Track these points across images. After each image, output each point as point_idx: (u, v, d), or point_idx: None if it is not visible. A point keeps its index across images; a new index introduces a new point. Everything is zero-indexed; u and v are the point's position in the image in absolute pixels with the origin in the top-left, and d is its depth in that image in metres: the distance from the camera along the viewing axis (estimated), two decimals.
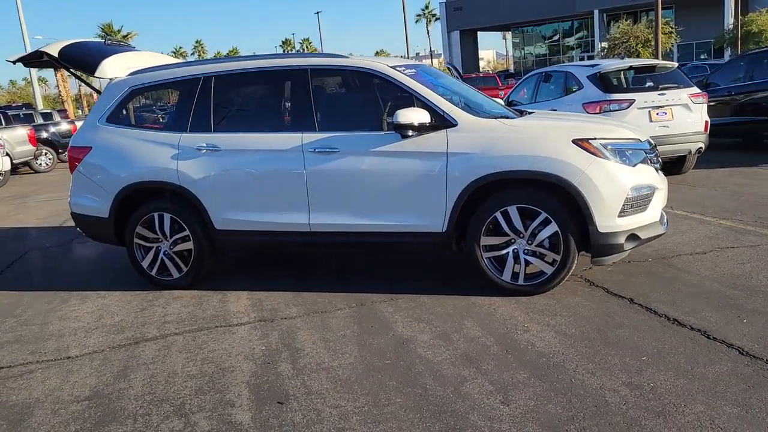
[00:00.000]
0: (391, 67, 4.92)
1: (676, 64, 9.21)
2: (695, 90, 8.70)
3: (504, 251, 4.63)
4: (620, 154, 4.51)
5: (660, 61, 9.52)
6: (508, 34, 65.72)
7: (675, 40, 35.71)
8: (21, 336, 4.67)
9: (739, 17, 33.62)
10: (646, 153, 4.71)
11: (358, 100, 5.31)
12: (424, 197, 4.69)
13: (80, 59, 5.79)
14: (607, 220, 4.39)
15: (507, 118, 4.92)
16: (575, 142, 4.46)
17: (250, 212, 5.12)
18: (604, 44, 40.52)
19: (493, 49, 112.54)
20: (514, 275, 4.64)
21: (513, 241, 4.60)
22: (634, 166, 4.54)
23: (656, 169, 4.80)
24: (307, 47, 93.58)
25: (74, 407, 3.49)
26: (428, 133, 4.64)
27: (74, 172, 5.68)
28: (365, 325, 4.33)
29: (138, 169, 5.34)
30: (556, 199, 4.47)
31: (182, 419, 3.27)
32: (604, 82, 8.72)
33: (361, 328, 4.30)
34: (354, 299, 4.84)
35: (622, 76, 9.65)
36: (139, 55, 6.05)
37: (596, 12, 46.13)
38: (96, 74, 5.67)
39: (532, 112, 5.52)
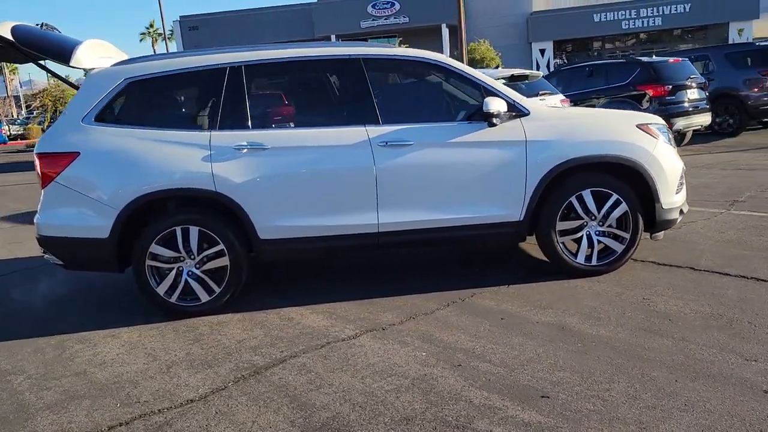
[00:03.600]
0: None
1: (542, 73, 10.26)
2: (562, 96, 9.79)
3: (578, 234, 4.81)
4: (667, 137, 4.98)
5: (531, 71, 10.51)
6: None
7: None
8: (77, 392, 3.60)
9: (460, 46, 38.04)
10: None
11: (420, 91, 5.05)
12: (504, 186, 4.66)
13: (44, 44, 4.64)
14: (669, 197, 4.82)
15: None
16: (639, 126, 4.82)
17: (306, 217, 4.58)
18: None
19: None
20: (587, 257, 4.83)
21: (586, 223, 4.80)
22: (674, 147, 5.05)
23: None
24: None
25: None
26: (506, 123, 4.63)
27: (48, 185, 4.51)
28: (493, 318, 4.16)
29: (156, 176, 4.44)
30: (625, 181, 4.77)
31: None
32: None
33: (491, 320, 4.12)
34: (437, 299, 4.60)
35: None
36: (102, 44, 5.02)
37: (333, 37, 48.25)
38: (71, 63, 4.59)
39: None
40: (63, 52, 4.62)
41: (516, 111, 4.67)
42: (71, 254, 4.62)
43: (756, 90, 12.96)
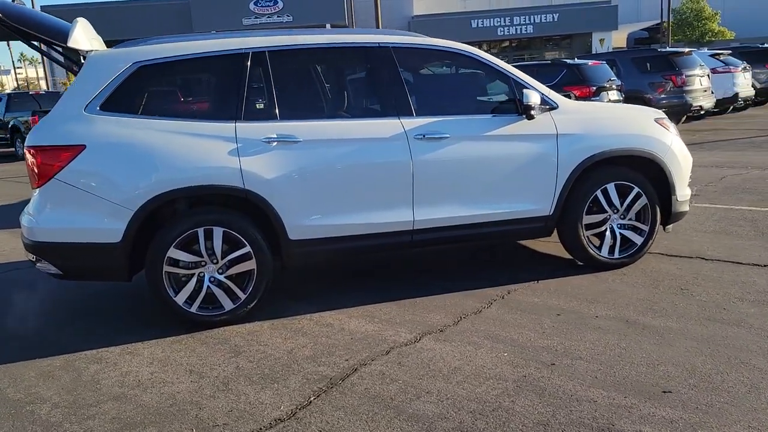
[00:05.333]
0: None
1: None
2: None
3: (603, 228, 4.82)
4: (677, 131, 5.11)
5: None
6: None
7: None
8: (132, 418, 3.12)
9: None
10: None
11: (451, 82, 4.85)
12: (536, 180, 4.59)
13: (36, 21, 4.03)
14: (683, 189, 4.95)
15: None
16: (656, 121, 4.91)
17: (339, 214, 4.27)
18: None
19: None
20: (610, 250, 4.86)
21: (609, 217, 4.82)
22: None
23: None
24: None
25: None
26: (538, 116, 4.56)
27: (47, 182, 3.92)
28: (547, 314, 4.07)
29: (178, 172, 3.98)
30: (644, 174, 4.84)
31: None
32: None
33: (548, 317, 4.02)
34: (474, 297, 4.44)
35: None
36: (87, 24, 4.43)
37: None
38: (69, 44, 4.03)
39: None
40: (59, 30, 4.04)
41: (546, 104, 4.61)
42: (74, 262, 4.04)
43: (660, 92, 13.84)
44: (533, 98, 4.40)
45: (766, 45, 20.10)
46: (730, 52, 17.86)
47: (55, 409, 3.26)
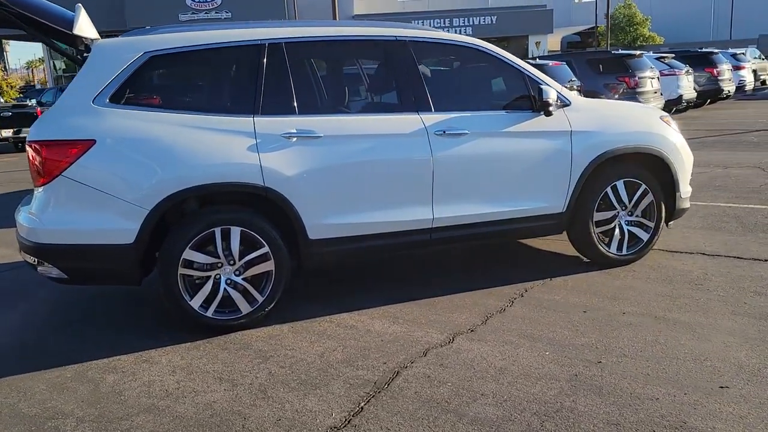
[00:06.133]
0: None
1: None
2: None
3: (612, 224, 4.84)
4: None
5: None
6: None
7: None
8: (172, 431, 2.91)
9: None
10: None
11: (466, 77, 4.74)
12: (551, 178, 4.57)
13: (40, 8, 3.74)
14: (685, 186, 5.03)
15: None
16: (661, 119, 4.97)
17: (359, 213, 4.14)
18: None
19: None
20: (619, 246, 4.89)
21: (618, 214, 4.85)
22: None
23: None
24: None
25: None
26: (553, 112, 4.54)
27: (52, 180, 3.64)
28: (573, 311, 4.04)
29: (196, 168, 3.76)
30: (650, 171, 4.89)
31: None
32: None
33: (574, 314, 4.00)
34: (494, 296, 4.39)
35: None
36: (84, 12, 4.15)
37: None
38: (75, 31, 3.77)
39: None
40: (62, 17, 3.77)
41: (560, 100, 4.60)
42: (81, 266, 3.77)
43: (614, 93, 14.16)
44: (552, 94, 4.37)
45: (704, 49, 20.92)
46: (673, 55, 18.48)
47: (81, 424, 3.01)
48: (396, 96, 4.31)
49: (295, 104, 4.03)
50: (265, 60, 4.00)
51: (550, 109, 4.42)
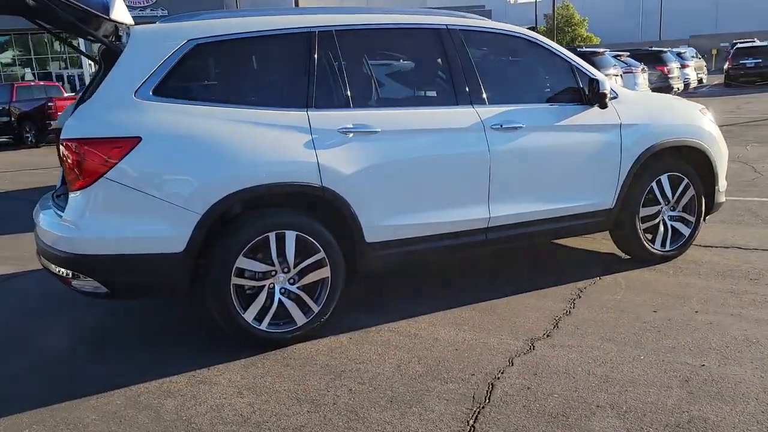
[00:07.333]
0: None
1: None
2: None
3: (656, 220, 4.71)
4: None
5: None
6: None
7: None
8: None
9: None
10: None
11: (517, 68, 4.50)
12: (602, 172, 4.41)
13: None
14: (723, 180, 4.95)
15: None
16: (700, 111, 4.88)
17: (417, 213, 3.87)
18: (90, 61, 42.14)
19: None
20: (662, 242, 4.77)
21: (662, 209, 4.73)
22: None
23: None
24: None
25: None
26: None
27: (93, 182, 3.23)
28: (642, 311, 3.88)
29: (252, 167, 3.42)
30: (692, 165, 4.79)
31: None
32: None
33: (646, 315, 3.83)
34: (548, 297, 4.19)
35: None
36: None
37: None
38: (112, 16, 3.37)
39: None
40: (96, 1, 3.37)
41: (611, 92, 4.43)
42: (127, 278, 3.36)
43: None
44: (608, 86, 4.21)
45: (654, 48, 21.43)
46: (628, 53, 18.82)
47: None
48: (450, 88, 4.04)
49: (349, 97, 3.73)
50: (316, 49, 3.69)
51: (606, 101, 4.25)
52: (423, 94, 4.27)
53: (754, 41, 32.78)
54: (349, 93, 3.73)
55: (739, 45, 29.84)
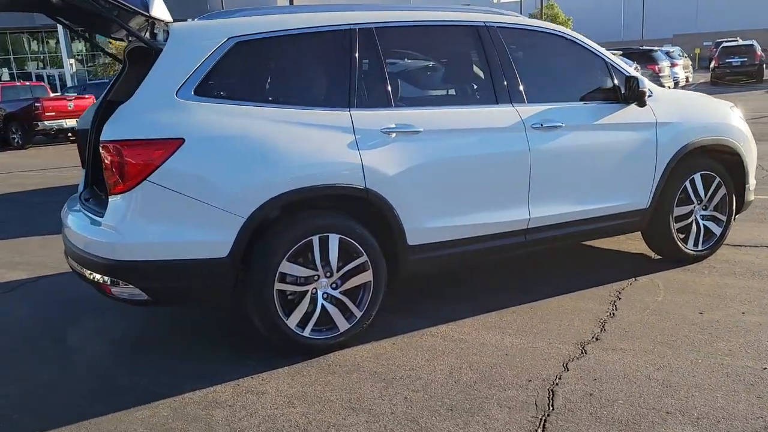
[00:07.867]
0: None
1: None
2: None
3: (689, 220, 4.66)
4: None
5: None
6: None
7: None
8: None
9: None
10: None
11: (553, 66, 4.40)
12: (638, 172, 4.35)
13: None
14: (752, 179, 4.92)
15: None
16: (731, 108, 4.84)
17: (459, 215, 3.78)
18: (72, 61, 42.49)
19: None
20: (695, 242, 4.72)
21: (695, 208, 4.68)
22: None
23: None
24: None
25: None
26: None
27: (136, 185, 3.11)
28: (687, 313, 3.82)
29: (298, 169, 3.31)
30: (723, 163, 4.75)
31: None
32: None
33: (693, 317, 3.77)
34: (588, 300, 4.12)
35: None
36: None
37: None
38: (151, 13, 3.25)
39: None
40: None
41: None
42: (169, 285, 3.24)
43: None
44: (646, 84, 4.15)
45: (645, 47, 21.52)
46: (621, 52, 18.87)
47: None
48: (489, 86, 3.95)
49: (390, 96, 3.64)
50: (357, 46, 3.58)
51: (645, 99, 4.19)
52: (462, 93, 4.18)
53: (737, 40, 33.07)
54: (390, 91, 3.64)
55: (724, 44, 30.09)
